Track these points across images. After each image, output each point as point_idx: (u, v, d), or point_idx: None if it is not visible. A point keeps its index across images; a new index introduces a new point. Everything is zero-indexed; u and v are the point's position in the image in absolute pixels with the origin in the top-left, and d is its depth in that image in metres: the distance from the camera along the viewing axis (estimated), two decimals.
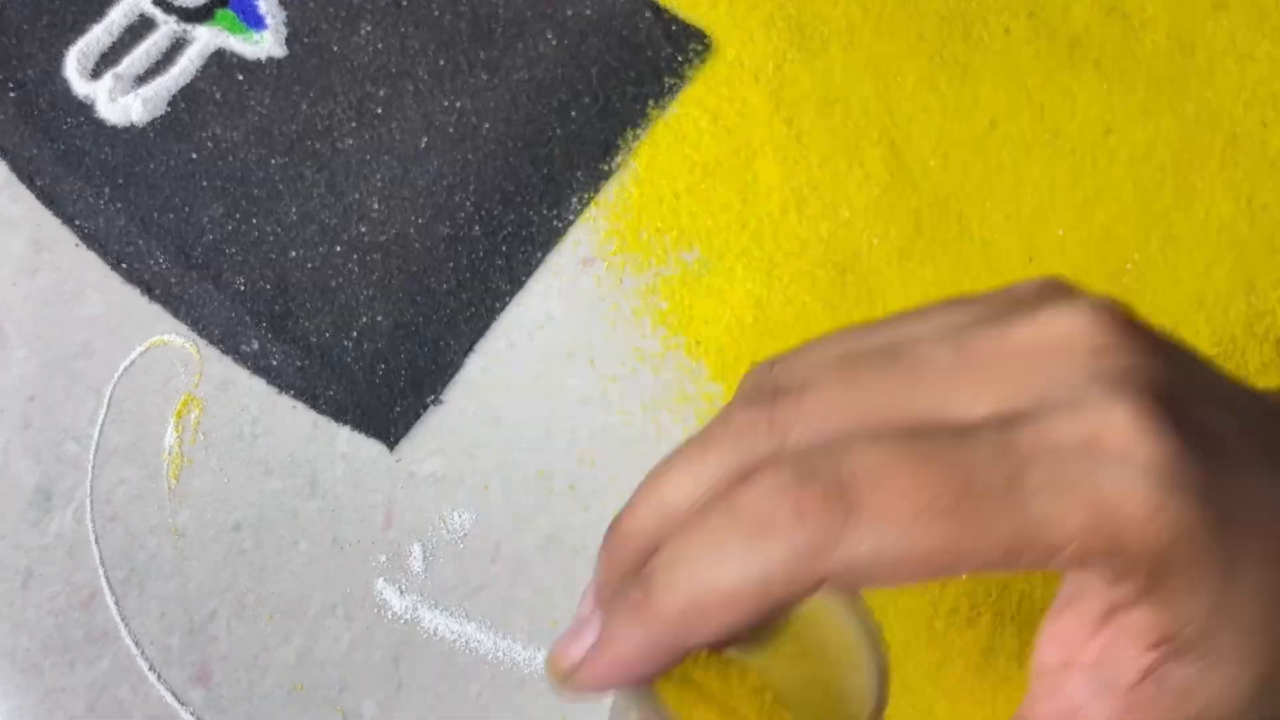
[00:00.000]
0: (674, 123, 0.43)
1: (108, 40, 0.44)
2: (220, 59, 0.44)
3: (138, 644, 0.36)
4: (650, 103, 0.43)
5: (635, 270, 0.41)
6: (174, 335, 0.40)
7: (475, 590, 0.37)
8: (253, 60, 0.44)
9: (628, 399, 0.39)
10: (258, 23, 0.44)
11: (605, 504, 0.38)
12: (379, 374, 0.39)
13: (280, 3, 0.45)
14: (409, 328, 0.40)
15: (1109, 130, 0.43)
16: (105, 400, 0.39)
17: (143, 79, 0.43)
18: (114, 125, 0.43)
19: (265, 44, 0.44)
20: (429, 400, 0.39)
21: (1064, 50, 0.44)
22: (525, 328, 0.40)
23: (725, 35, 0.44)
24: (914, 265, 0.41)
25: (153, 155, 0.42)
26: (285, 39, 0.44)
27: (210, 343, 0.40)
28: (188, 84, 0.44)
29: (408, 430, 0.39)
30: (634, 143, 0.43)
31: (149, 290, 0.41)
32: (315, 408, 0.39)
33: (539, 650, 0.36)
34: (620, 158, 0.43)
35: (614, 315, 0.40)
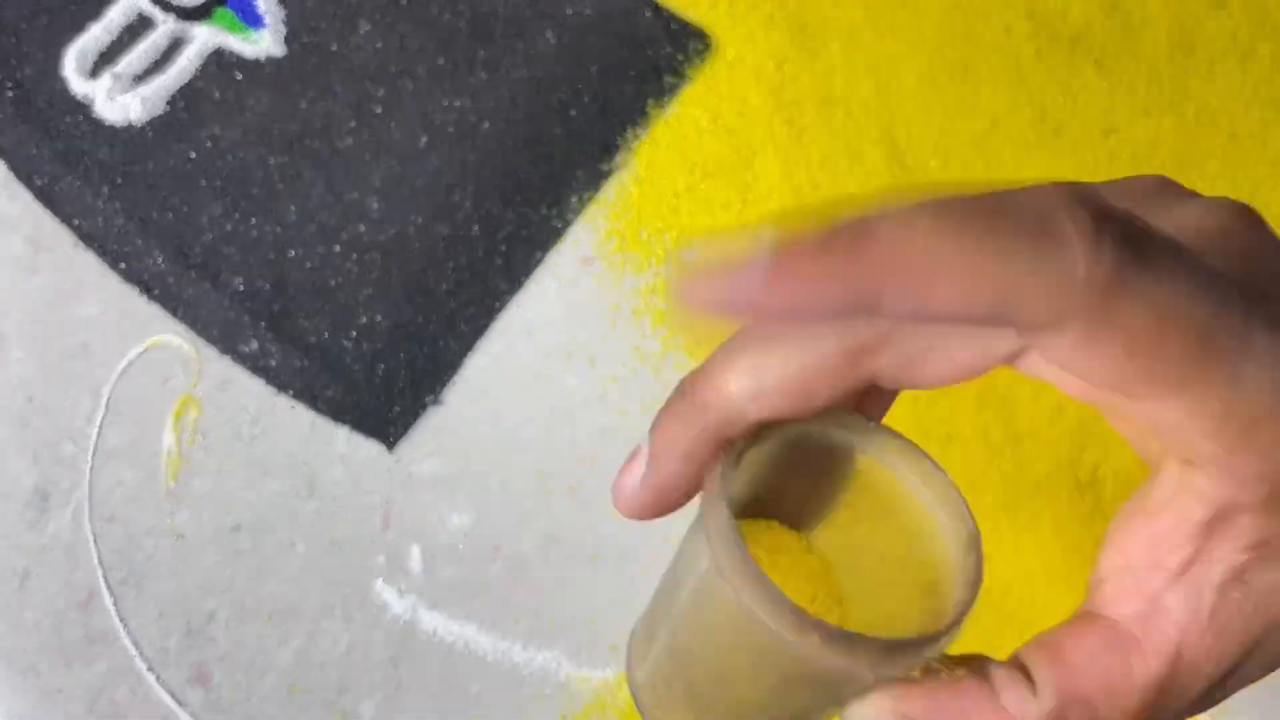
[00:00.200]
0: (674, 122, 0.43)
1: (106, 39, 0.44)
2: (219, 58, 0.44)
3: (136, 645, 0.36)
4: (650, 102, 0.43)
5: (635, 270, 0.41)
6: (172, 335, 0.40)
7: (474, 591, 0.37)
8: (251, 59, 0.44)
9: (628, 399, 0.39)
10: (256, 21, 0.44)
11: (605, 504, 0.38)
12: (378, 374, 0.39)
13: (279, 1, 0.45)
14: (408, 328, 0.40)
15: (1109, 129, 0.43)
16: (103, 401, 0.39)
17: (141, 78, 0.43)
18: (112, 124, 0.43)
19: (264, 43, 0.44)
20: (428, 400, 0.39)
21: (1065, 49, 0.44)
22: (525, 328, 0.40)
23: (725, 35, 0.44)
24: None
25: (151, 154, 0.42)
26: (284, 38, 0.44)
27: (209, 343, 0.40)
28: (186, 83, 0.43)
29: (407, 430, 0.39)
30: (634, 142, 0.43)
31: (147, 290, 0.41)
32: (314, 408, 0.39)
33: (539, 650, 0.36)
34: (620, 157, 0.43)
35: (614, 315, 0.40)
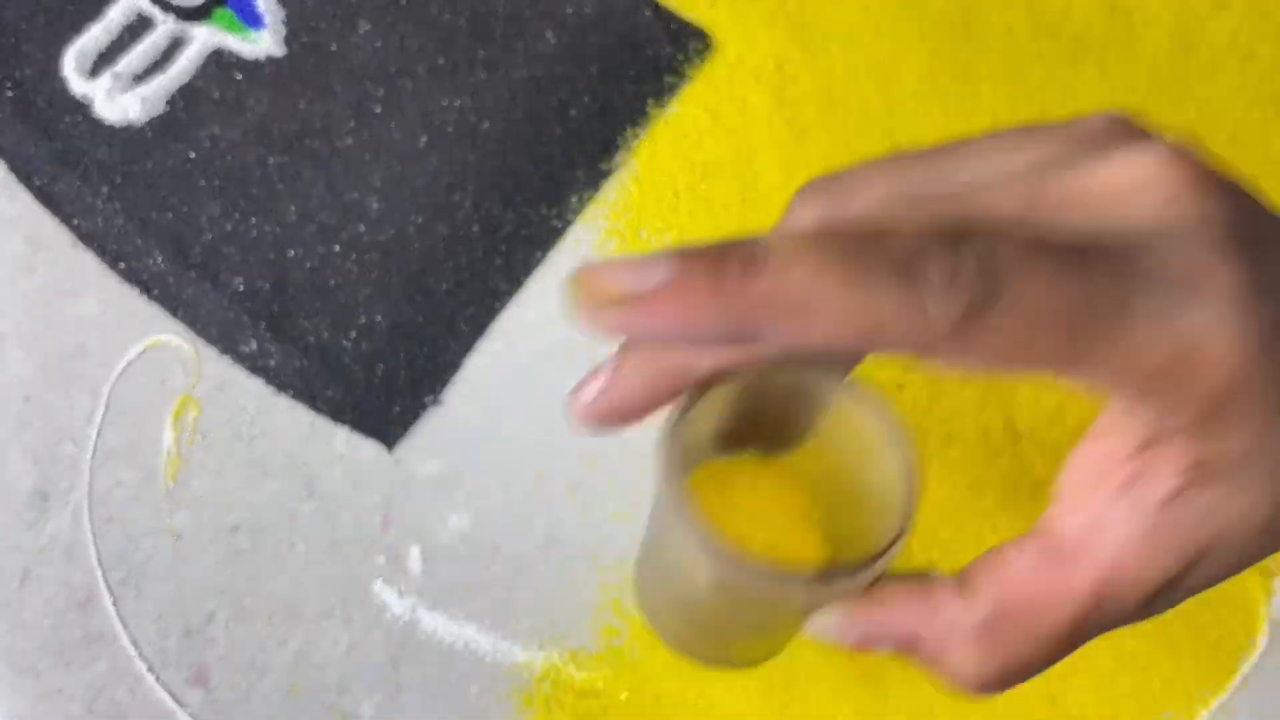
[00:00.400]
0: (674, 122, 0.43)
1: (106, 39, 0.44)
2: (218, 58, 0.44)
3: (135, 645, 0.36)
4: (650, 101, 0.43)
5: None
6: (172, 335, 0.40)
7: (474, 592, 0.37)
8: (251, 59, 0.44)
9: None
10: (256, 21, 0.44)
11: (605, 504, 0.38)
12: (378, 374, 0.39)
13: (279, 1, 0.45)
14: (408, 327, 0.40)
15: None
16: (102, 401, 0.39)
17: (141, 78, 0.43)
18: (112, 124, 0.43)
19: (263, 43, 0.44)
20: (428, 400, 0.39)
21: (1065, 49, 0.44)
22: (525, 328, 0.40)
23: (726, 34, 0.44)
24: None
25: (151, 154, 0.42)
26: (284, 38, 0.44)
27: (208, 343, 0.40)
28: (186, 83, 0.43)
29: (406, 431, 0.39)
30: (634, 142, 0.43)
31: (146, 290, 0.41)
32: (314, 408, 0.39)
33: (539, 651, 0.36)
34: (620, 157, 0.43)
35: None
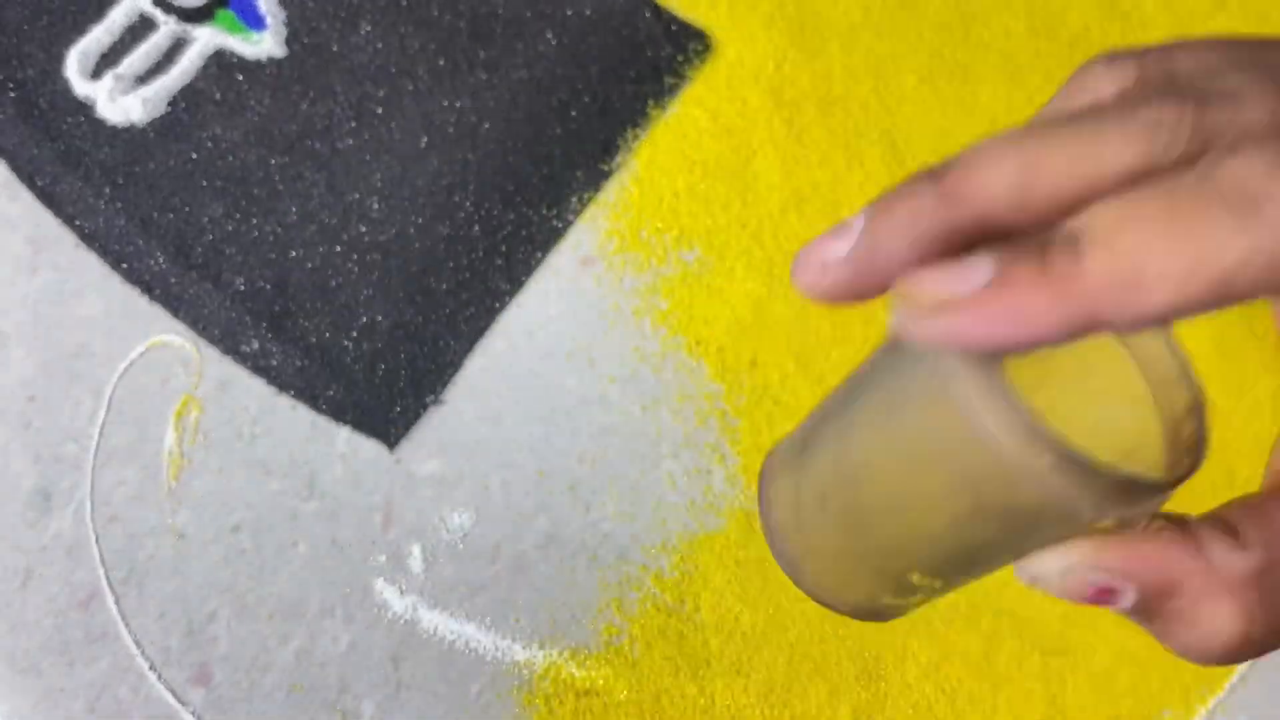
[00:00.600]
0: (674, 122, 0.43)
1: (108, 40, 0.44)
2: (220, 59, 0.44)
3: (138, 644, 0.36)
4: (650, 102, 0.43)
5: (635, 270, 0.41)
6: (174, 335, 0.40)
7: (475, 590, 0.37)
8: (252, 60, 0.44)
9: (628, 399, 0.39)
10: (257, 23, 0.44)
11: (605, 504, 0.38)
12: (379, 374, 0.39)
13: (280, 3, 0.45)
14: (409, 328, 0.40)
15: None
16: (105, 401, 0.39)
17: (143, 79, 0.43)
18: (114, 125, 0.43)
19: (265, 44, 0.44)
20: (429, 400, 0.39)
21: (1064, 50, 0.44)
22: (525, 328, 0.40)
23: (725, 35, 0.44)
24: None
25: (152, 155, 0.42)
26: (285, 39, 0.44)
27: (210, 343, 0.40)
28: (188, 84, 0.43)
29: (407, 430, 0.39)
30: (634, 142, 0.43)
31: (148, 290, 0.41)
32: (315, 408, 0.39)
33: (539, 650, 0.36)
34: (620, 157, 0.43)
35: (614, 315, 0.40)
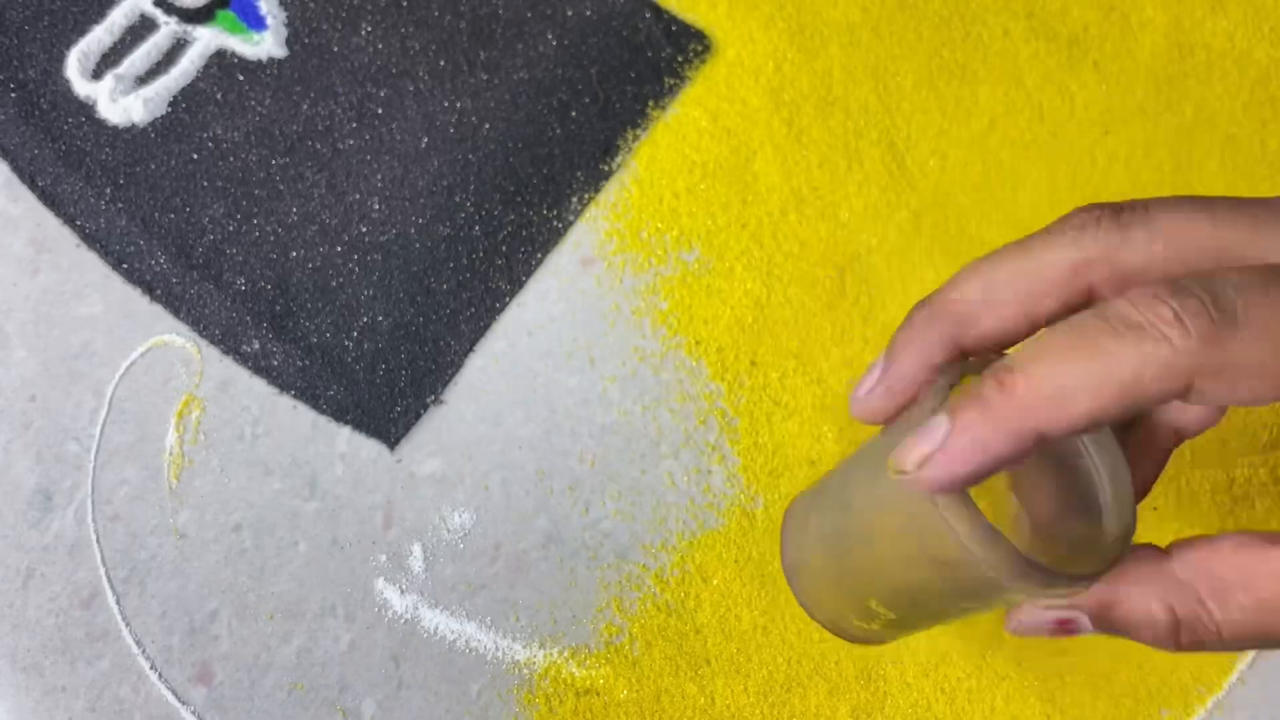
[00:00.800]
0: (674, 123, 0.43)
1: (109, 41, 0.44)
2: (221, 59, 0.44)
3: (139, 643, 0.36)
4: (650, 103, 0.43)
5: (635, 270, 0.41)
6: (175, 335, 0.40)
7: (475, 590, 0.37)
8: (253, 61, 0.44)
9: (628, 399, 0.39)
10: (258, 23, 0.45)
11: (605, 504, 0.38)
12: (379, 374, 0.40)
13: (281, 3, 0.45)
14: (409, 328, 0.40)
15: (1107, 130, 0.43)
16: (106, 400, 0.39)
17: (144, 79, 0.43)
18: (115, 125, 0.43)
19: (266, 44, 0.44)
20: (429, 400, 0.39)
21: (1063, 50, 0.44)
22: (525, 328, 0.40)
23: (725, 35, 0.44)
24: (913, 265, 0.41)
25: (153, 156, 0.43)
26: (286, 39, 0.44)
27: (211, 343, 0.40)
28: (188, 84, 0.44)
29: (408, 430, 0.39)
30: (634, 143, 0.43)
31: (150, 290, 0.41)
32: (316, 408, 0.39)
33: (540, 649, 0.36)
34: (620, 158, 0.43)
35: (614, 315, 0.41)
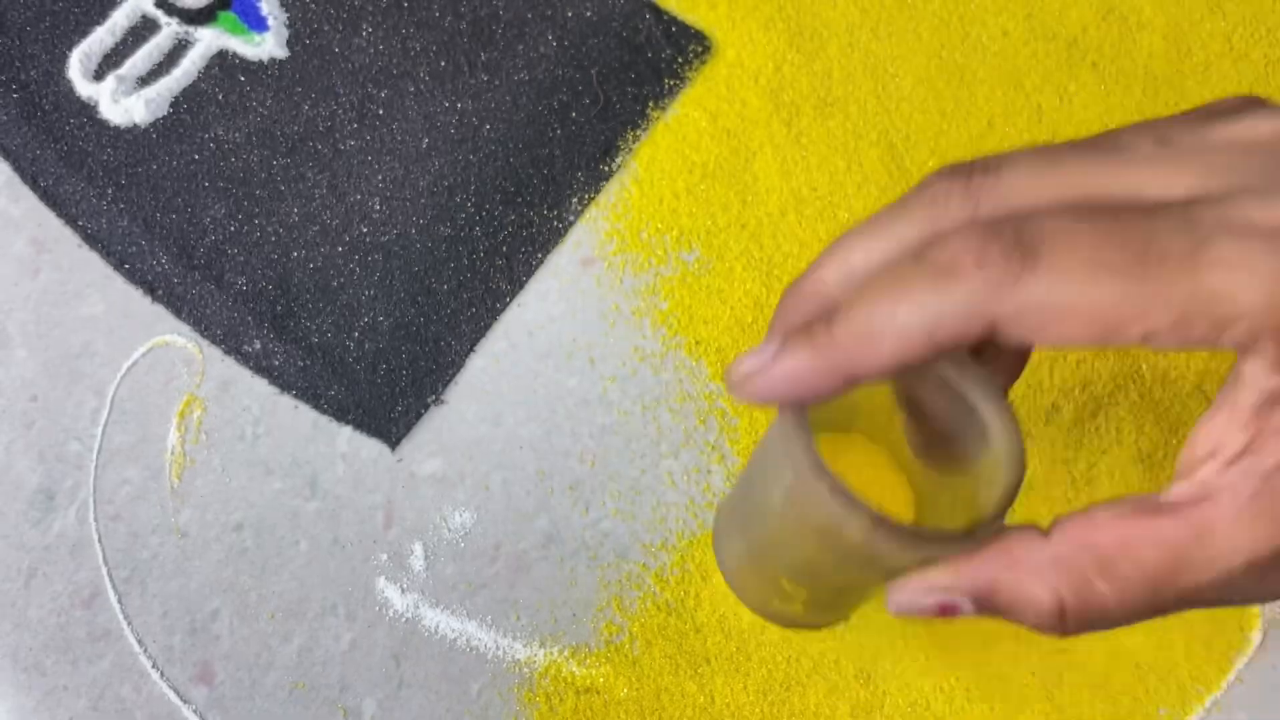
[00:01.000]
0: (674, 123, 0.43)
1: (110, 42, 0.44)
2: (222, 60, 0.44)
3: (140, 643, 0.37)
4: (650, 104, 0.44)
5: (635, 270, 0.41)
6: (176, 335, 0.40)
7: (476, 589, 0.37)
8: (255, 61, 0.44)
9: (628, 399, 0.39)
10: (259, 24, 0.45)
11: (605, 504, 0.38)
12: (380, 374, 0.40)
13: (282, 4, 0.45)
14: (410, 328, 0.40)
15: (1106, 130, 0.43)
16: (108, 400, 0.39)
17: (145, 80, 0.44)
18: (116, 126, 0.43)
19: (267, 45, 0.44)
20: (430, 400, 0.39)
21: (1062, 51, 0.44)
22: (526, 328, 0.41)
23: (725, 36, 0.45)
24: None
25: (155, 156, 0.43)
26: (287, 40, 0.45)
27: (212, 343, 0.40)
28: (190, 85, 0.44)
29: (409, 430, 0.39)
30: (634, 143, 0.43)
31: (151, 291, 0.41)
32: (317, 408, 0.39)
33: (540, 648, 0.36)
34: (620, 158, 0.43)
35: (614, 315, 0.41)
